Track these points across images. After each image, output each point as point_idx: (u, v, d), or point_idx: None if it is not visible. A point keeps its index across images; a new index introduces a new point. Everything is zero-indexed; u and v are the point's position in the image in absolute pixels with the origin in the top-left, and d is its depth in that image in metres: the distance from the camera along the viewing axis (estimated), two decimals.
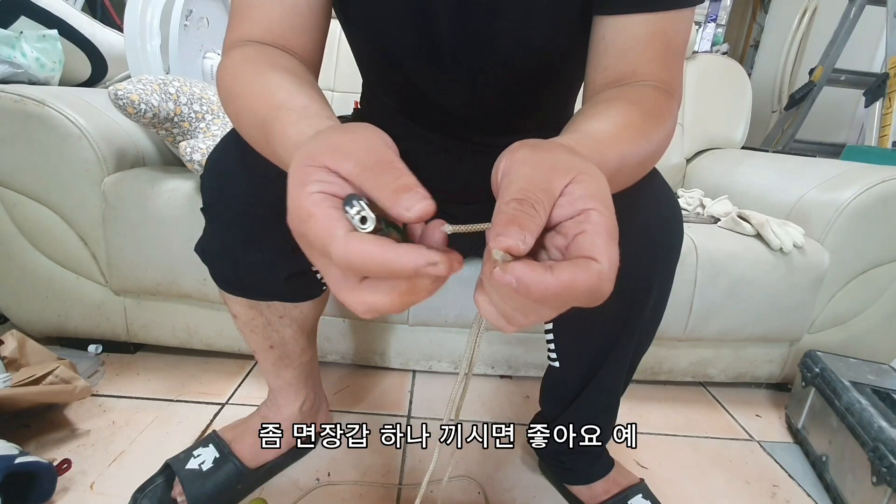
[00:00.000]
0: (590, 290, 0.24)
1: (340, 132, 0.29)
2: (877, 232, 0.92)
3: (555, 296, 0.24)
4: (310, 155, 0.27)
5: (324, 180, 0.26)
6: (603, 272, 0.24)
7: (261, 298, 0.61)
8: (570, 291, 0.24)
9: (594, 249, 0.25)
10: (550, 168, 0.27)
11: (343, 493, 0.70)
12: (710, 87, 1.44)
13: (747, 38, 2.80)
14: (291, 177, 0.27)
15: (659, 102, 0.44)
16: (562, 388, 0.67)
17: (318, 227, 0.25)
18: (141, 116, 0.77)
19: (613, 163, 0.36)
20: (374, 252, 0.24)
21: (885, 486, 0.67)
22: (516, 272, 0.23)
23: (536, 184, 0.26)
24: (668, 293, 0.58)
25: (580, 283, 0.24)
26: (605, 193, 0.27)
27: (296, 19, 0.48)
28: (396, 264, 0.23)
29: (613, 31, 0.46)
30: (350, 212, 0.25)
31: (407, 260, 0.23)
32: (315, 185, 0.26)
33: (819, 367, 0.88)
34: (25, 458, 0.61)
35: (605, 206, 0.26)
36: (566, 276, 0.23)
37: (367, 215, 0.25)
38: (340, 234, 0.24)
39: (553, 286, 0.23)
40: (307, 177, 0.26)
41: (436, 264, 0.24)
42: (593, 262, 0.24)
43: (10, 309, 0.95)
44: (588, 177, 0.27)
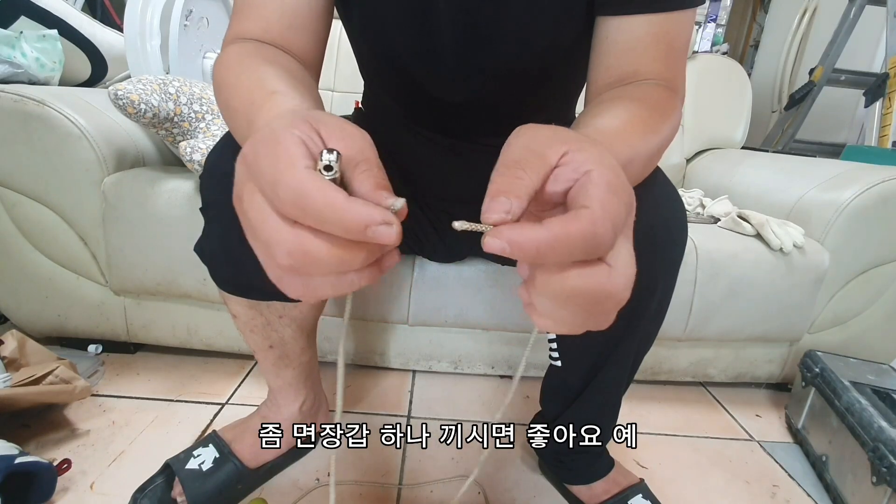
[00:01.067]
0: (584, 237, 0.23)
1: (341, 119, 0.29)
2: (877, 232, 0.92)
3: (550, 249, 0.23)
4: (312, 116, 0.27)
5: (310, 136, 0.26)
6: (595, 216, 0.23)
7: (260, 298, 0.61)
8: (564, 241, 0.23)
9: (586, 198, 0.24)
10: (547, 137, 0.27)
11: (343, 493, 0.70)
12: (710, 87, 1.44)
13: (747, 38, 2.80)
14: (280, 118, 0.27)
15: (663, 98, 0.44)
16: (563, 388, 0.67)
17: (283, 154, 0.24)
18: (141, 116, 0.77)
19: (624, 156, 0.36)
20: (331, 194, 0.22)
21: (885, 486, 0.67)
22: (505, 234, 0.23)
23: (528, 149, 0.26)
24: (671, 293, 0.58)
25: (573, 231, 0.23)
26: (606, 158, 0.26)
27: (295, 19, 0.48)
28: (351, 214, 0.22)
29: (616, 32, 0.46)
30: (325, 156, 0.24)
31: (363, 211, 0.23)
32: (299, 132, 0.25)
33: (819, 367, 0.88)
34: (25, 458, 0.61)
35: (607, 167, 0.26)
36: (557, 226, 0.23)
37: (333, 166, 0.24)
38: (301, 166, 0.23)
39: (545, 238, 0.23)
40: (298, 124, 0.26)
41: (391, 224, 0.23)
42: (584, 209, 0.24)
43: (10, 309, 0.94)
44: (588, 144, 0.27)
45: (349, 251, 0.24)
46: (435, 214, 0.68)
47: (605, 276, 0.25)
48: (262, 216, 0.24)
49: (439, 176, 0.64)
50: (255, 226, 0.25)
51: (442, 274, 0.87)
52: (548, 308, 0.26)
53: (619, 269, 0.25)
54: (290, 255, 0.24)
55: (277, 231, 0.24)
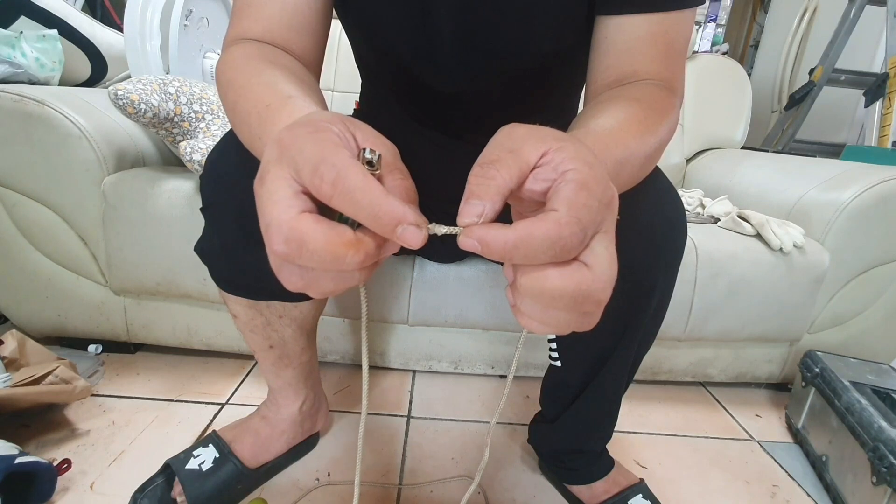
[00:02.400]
0: (548, 239, 0.24)
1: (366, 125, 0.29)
2: (877, 232, 0.92)
3: (516, 249, 0.24)
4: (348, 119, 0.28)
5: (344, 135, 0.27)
6: (560, 218, 0.24)
7: (260, 298, 0.61)
8: (528, 243, 0.24)
9: (556, 200, 0.25)
10: (523, 136, 0.27)
11: (343, 493, 0.70)
12: (710, 87, 1.44)
13: (747, 38, 2.80)
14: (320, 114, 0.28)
15: (661, 98, 0.44)
16: (563, 388, 0.67)
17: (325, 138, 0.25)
18: (141, 116, 0.77)
19: (618, 156, 0.36)
20: (370, 180, 0.24)
21: (885, 486, 0.67)
22: (476, 233, 0.24)
23: (504, 147, 0.27)
24: (670, 293, 0.58)
25: (537, 233, 0.24)
26: (585, 156, 0.27)
27: (295, 19, 0.48)
28: (384, 205, 0.24)
29: (615, 32, 0.46)
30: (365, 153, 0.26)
31: (396, 206, 0.24)
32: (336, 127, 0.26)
33: (819, 367, 0.88)
34: (25, 458, 0.61)
35: (584, 164, 0.26)
36: (522, 227, 0.24)
37: (374, 160, 0.26)
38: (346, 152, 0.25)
39: (512, 239, 0.24)
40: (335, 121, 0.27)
41: (420, 227, 0.24)
42: (552, 211, 0.24)
43: (10, 309, 0.94)
44: (568, 143, 0.27)
45: (346, 248, 0.24)
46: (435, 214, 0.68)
47: (583, 277, 0.25)
48: (274, 198, 0.24)
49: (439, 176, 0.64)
50: (263, 205, 0.25)
51: (442, 274, 0.87)
52: (531, 310, 0.27)
53: (597, 269, 0.25)
54: (286, 241, 0.24)
55: (280, 214, 0.24)
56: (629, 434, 0.89)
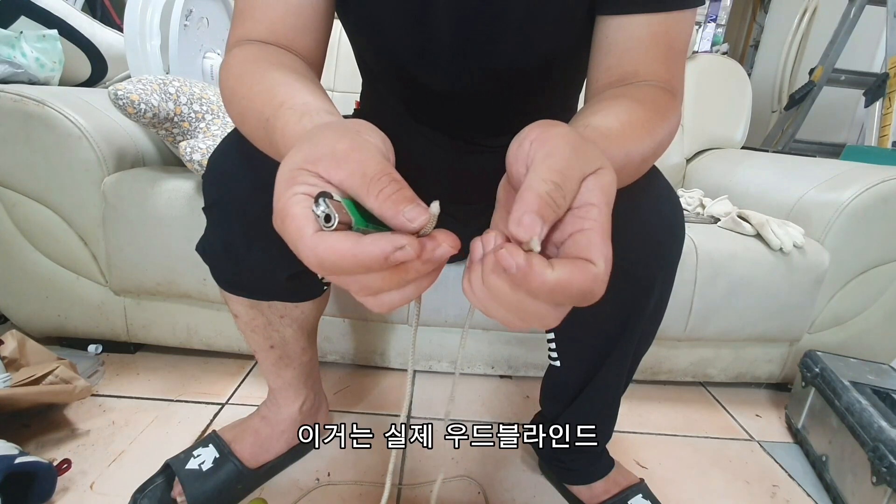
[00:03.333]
0: (583, 292, 0.24)
1: (341, 135, 0.28)
2: (877, 232, 0.92)
3: (549, 292, 0.24)
4: (306, 158, 0.27)
5: (311, 183, 0.26)
6: (599, 275, 0.24)
7: (262, 298, 0.61)
8: (565, 290, 0.24)
9: (591, 250, 0.25)
10: (585, 155, 0.27)
11: (343, 493, 0.70)
12: (710, 87, 1.43)
13: (747, 38, 2.80)
14: (281, 174, 0.27)
15: (662, 100, 0.44)
16: (562, 388, 0.67)
17: (292, 227, 0.25)
18: (141, 116, 0.77)
19: (618, 159, 0.36)
20: (343, 248, 0.24)
21: (885, 486, 0.67)
22: (519, 259, 0.23)
23: (573, 171, 0.26)
24: (669, 293, 0.58)
25: (576, 283, 0.24)
26: (612, 188, 0.27)
27: (299, 19, 0.48)
28: (366, 256, 0.23)
29: (616, 32, 0.47)
30: (316, 210, 0.24)
31: (375, 248, 0.23)
32: (300, 188, 0.26)
33: (819, 367, 0.88)
34: (25, 458, 0.61)
35: (607, 203, 0.27)
36: (565, 273, 0.24)
37: (330, 213, 0.24)
38: (308, 234, 0.24)
39: (550, 281, 0.23)
40: (296, 177, 0.26)
41: (403, 247, 0.24)
42: (591, 264, 0.24)
43: (10, 309, 0.95)
44: (606, 171, 0.28)
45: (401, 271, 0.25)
46: None
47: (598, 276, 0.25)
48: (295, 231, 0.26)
49: (439, 176, 0.64)
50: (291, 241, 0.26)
51: (442, 274, 0.87)
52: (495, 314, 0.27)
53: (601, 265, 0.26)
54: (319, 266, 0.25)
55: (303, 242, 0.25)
56: (629, 434, 0.89)
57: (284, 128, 0.34)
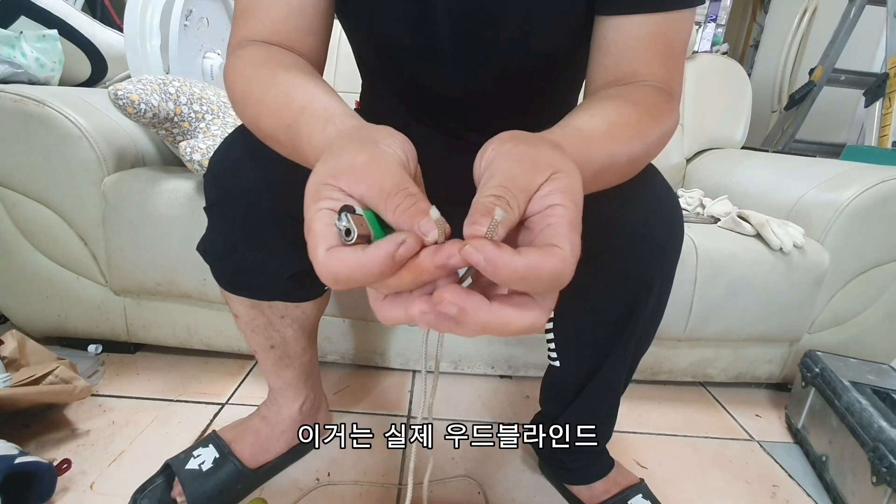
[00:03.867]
0: (553, 274, 0.25)
1: (360, 147, 0.29)
2: (877, 232, 0.92)
3: (521, 277, 0.24)
4: (330, 172, 0.28)
5: (335, 198, 0.27)
6: (566, 257, 0.25)
7: (263, 298, 0.61)
8: (535, 273, 0.24)
9: (557, 237, 0.26)
10: (531, 165, 0.28)
11: (343, 493, 0.70)
12: (710, 87, 1.43)
13: (747, 38, 2.80)
14: (308, 189, 0.28)
15: (657, 102, 0.44)
16: (562, 388, 0.67)
17: (311, 241, 0.26)
18: (141, 116, 0.77)
19: (601, 160, 0.37)
20: (348, 260, 0.25)
21: (885, 486, 0.67)
22: (486, 250, 0.24)
23: (516, 182, 0.27)
24: (668, 292, 0.58)
25: (545, 266, 0.24)
26: (574, 189, 0.28)
27: (301, 19, 0.48)
28: (372, 262, 0.24)
29: (614, 32, 0.46)
30: (339, 225, 0.26)
31: (378, 253, 0.24)
32: (325, 203, 0.27)
33: (819, 367, 0.88)
34: (25, 458, 0.61)
35: (572, 201, 0.27)
36: (533, 258, 0.24)
37: (350, 227, 0.25)
38: (322, 251, 0.25)
39: (520, 267, 0.24)
40: (320, 192, 0.27)
41: (404, 241, 0.24)
42: (557, 248, 0.25)
43: (10, 309, 0.95)
44: (563, 174, 0.28)
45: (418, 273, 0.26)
46: None
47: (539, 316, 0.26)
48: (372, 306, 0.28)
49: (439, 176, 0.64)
50: None
51: None
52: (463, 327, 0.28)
53: (546, 307, 0.27)
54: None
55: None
56: (629, 434, 0.89)
57: (311, 136, 0.35)
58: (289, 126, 0.37)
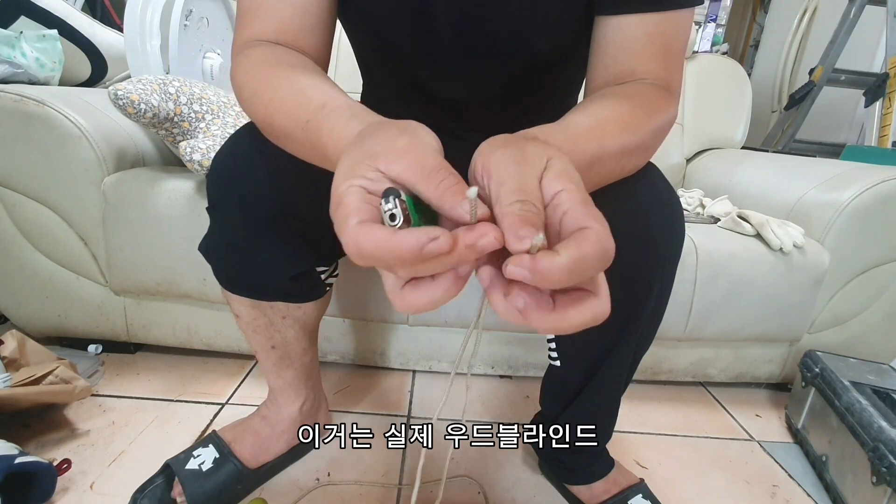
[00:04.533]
0: (598, 255, 0.25)
1: (400, 132, 0.30)
2: (877, 232, 0.92)
3: (570, 272, 0.24)
4: (368, 152, 0.28)
5: (369, 178, 0.27)
6: (601, 233, 0.25)
7: (265, 298, 0.61)
8: (582, 262, 0.24)
9: (580, 219, 0.26)
10: (529, 162, 0.29)
11: (343, 493, 0.70)
12: (710, 87, 1.44)
13: (747, 38, 2.80)
14: (341, 167, 0.28)
15: (654, 98, 0.44)
16: (562, 388, 0.67)
17: (341, 214, 0.26)
18: (141, 116, 0.77)
19: (590, 153, 0.37)
20: (379, 238, 0.24)
21: (885, 486, 0.67)
22: (527, 263, 0.24)
23: (528, 179, 0.28)
24: (669, 292, 0.58)
25: (588, 251, 0.24)
26: (568, 170, 0.28)
27: (306, 19, 0.48)
28: (399, 245, 0.24)
29: (614, 31, 0.47)
30: (385, 206, 0.26)
31: (409, 239, 0.24)
32: (358, 180, 0.27)
33: (819, 367, 0.88)
34: (25, 458, 0.61)
35: (571, 182, 0.28)
36: (573, 250, 0.24)
37: (396, 213, 0.25)
38: (353, 223, 0.25)
39: (566, 263, 0.24)
40: (355, 170, 0.27)
41: (437, 238, 0.24)
42: (587, 229, 0.25)
43: (10, 309, 0.95)
44: (554, 160, 0.29)
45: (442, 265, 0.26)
46: None
47: (596, 308, 0.26)
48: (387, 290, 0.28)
49: None
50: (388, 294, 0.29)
51: None
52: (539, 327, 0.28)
53: (603, 295, 0.27)
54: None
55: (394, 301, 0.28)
56: (629, 434, 0.89)
57: (333, 130, 0.35)
58: (307, 122, 0.37)
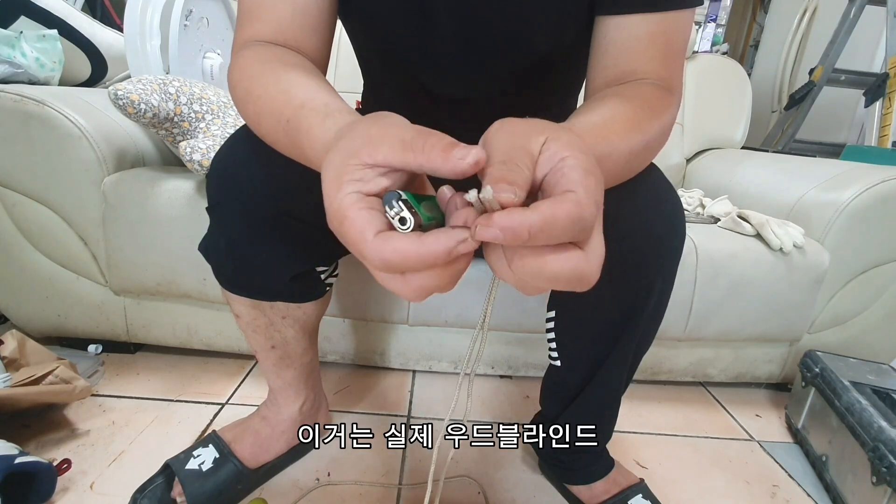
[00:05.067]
0: (572, 219, 0.24)
1: (370, 123, 0.29)
2: (877, 232, 0.92)
3: (541, 232, 0.24)
4: (347, 152, 0.27)
5: (359, 178, 0.27)
6: (580, 199, 0.25)
7: (265, 298, 0.61)
8: (553, 224, 0.24)
9: (569, 183, 0.26)
10: (525, 131, 0.29)
11: (343, 493, 0.70)
12: (710, 87, 1.44)
13: (747, 38, 2.80)
14: (327, 177, 0.28)
15: (655, 97, 0.44)
16: (563, 388, 0.67)
17: (352, 231, 0.26)
18: (141, 116, 0.77)
19: (598, 150, 0.37)
20: (408, 249, 0.24)
21: (885, 486, 0.67)
22: (496, 222, 0.24)
23: (516, 145, 0.28)
24: (669, 291, 0.58)
25: (560, 213, 0.24)
26: (576, 142, 0.28)
27: (306, 20, 0.48)
28: (430, 254, 0.24)
29: (615, 31, 0.47)
30: (390, 213, 0.25)
31: (438, 245, 0.24)
32: (350, 186, 0.26)
33: (819, 367, 0.88)
34: (25, 458, 0.61)
35: (580, 151, 0.27)
36: (546, 208, 0.24)
37: (405, 216, 0.25)
38: (370, 238, 0.25)
39: (537, 221, 0.24)
40: (343, 176, 0.27)
41: (465, 240, 0.25)
42: (570, 192, 0.25)
43: (10, 309, 0.95)
44: (561, 132, 0.28)
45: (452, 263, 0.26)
46: None
47: (578, 260, 0.26)
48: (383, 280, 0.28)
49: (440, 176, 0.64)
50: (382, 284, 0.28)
51: None
52: (524, 285, 0.28)
53: (591, 253, 0.26)
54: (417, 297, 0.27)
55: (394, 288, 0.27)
56: (629, 434, 0.89)
57: (310, 129, 0.35)
58: (287, 121, 0.37)
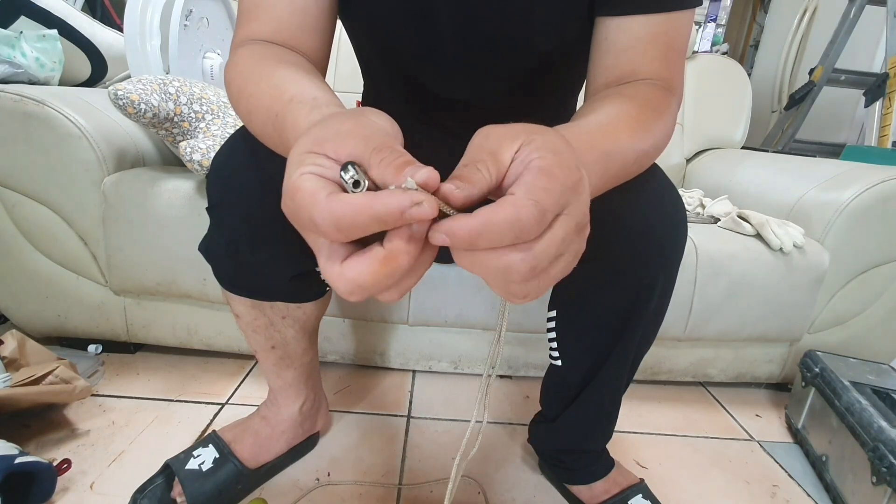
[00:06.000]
0: (509, 223, 0.24)
1: (346, 117, 0.29)
2: (877, 232, 0.92)
3: (479, 236, 0.24)
4: (314, 140, 0.27)
5: (320, 164, 0.26)
6: (517, 201, 0.24)
7: (265, 298, 0.61)
8: (490, 228, 0.24)
9: (515, 185, 0.25)
10: (500, 136, 0.28)
11: (343, 493, 0.70)
12: (710, 87, 1.44)
13: (747, 38, 2.80)
14: (290, 161, 0.27)
15: (657, 97, 0.44)
16: (563, 387, 0.67)
17: (302, 196, 0.25)
18: (141, 116, 0.77)
19: (606, 148, 0.37)
20: (360, 203, 0.24)
21: (885, 486, 0.67)
22: (444, 227, 0.24)
23: (484, 149, 0.28)
24: (670, 291, 0.58)
25: (497, 218, 0.24)
26: (551, 143, 0.27)
27: (304, 19, 0.48)
28: (383, 209, 0.23)
29: (615, 32, 0.47)
30: (345, 177, 0.25)
31: (392, 201, 0.23)
32: (309, 168, 0.26)
33: (819, 367, 0.88)
34: (25, 458, 0.61)
35: (550, 151, 0.27)
36: (484, 214, 0.24)
37: (360, 179, 0.25)
38: (322, 196, 0.24)
39: (474, 226, 0.24)
40: (304, 160, 0.26)
41: (420, 203, 0.23)
42: (510, 195, 0.25)
43: (10, 309, 0.94)
44: (538, 136, 0.28)
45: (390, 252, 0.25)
46: None
47: (516, 258, 0.25)
48: (323, 267, 0.27)
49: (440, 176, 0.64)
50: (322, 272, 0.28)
51: (442, 274, 0.87)
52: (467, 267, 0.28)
53: (538, 247, 0.25)
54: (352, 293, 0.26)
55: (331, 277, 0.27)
56: (629, 434, 0.89)
57: (295, 121, 0.35)
58: (276, 116, 0.37)
